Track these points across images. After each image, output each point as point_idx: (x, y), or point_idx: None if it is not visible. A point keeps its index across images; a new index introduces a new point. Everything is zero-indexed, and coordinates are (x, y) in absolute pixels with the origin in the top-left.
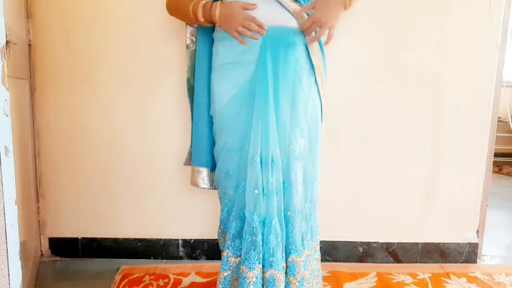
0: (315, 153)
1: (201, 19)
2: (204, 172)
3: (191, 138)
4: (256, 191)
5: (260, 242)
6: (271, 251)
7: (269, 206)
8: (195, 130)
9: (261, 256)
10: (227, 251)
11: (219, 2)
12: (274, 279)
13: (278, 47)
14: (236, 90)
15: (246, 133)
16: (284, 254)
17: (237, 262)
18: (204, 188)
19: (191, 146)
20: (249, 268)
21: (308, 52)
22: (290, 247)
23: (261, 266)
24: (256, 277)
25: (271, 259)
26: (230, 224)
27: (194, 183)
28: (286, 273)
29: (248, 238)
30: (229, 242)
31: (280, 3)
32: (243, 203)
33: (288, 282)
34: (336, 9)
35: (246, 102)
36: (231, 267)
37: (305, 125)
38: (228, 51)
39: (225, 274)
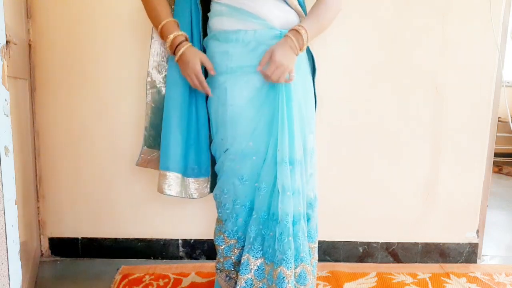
0: (314, 152)
1: (167, 44)
2: (171, 176)
3: (144, 137)
4: (288, 193)
5: (293, 241)
6: (301, 247)
7: (298, 205)
8: (166, 132)
9: (293, 254)
10: (247, 255)
11: (187, 45)
12: (305, 273)
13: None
14: (252, 94)
15: (265, 136)
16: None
17: (259, 264)
18: (171, 195)
19: (147, 146)
20: (287, 267)
21: (306, 54)
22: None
23: (294, 264)
24: (292, 275)
25: (301, 254)
26: (249, 228)
27: (160, 189)
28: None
29: (285, 239)
30: (249, 246)
31: (291, 7)
32: (265, 206)
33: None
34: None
35: (264, 105)
36: (252, 270)
37: (312, 121)
38: (242, 53)
39: (246, 278)
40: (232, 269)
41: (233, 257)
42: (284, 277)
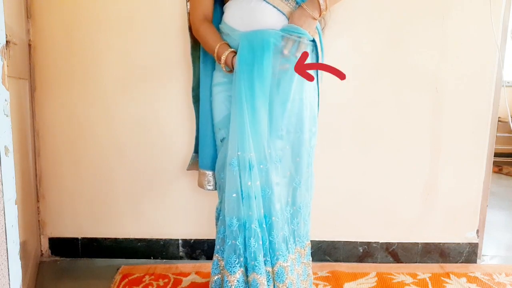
0: (300, 156)
1: (222, 65)
2: (209, 174)
3: (195, 144)
4: (234, 195)
5: (241, 246)
6: (252, 255)
7: (248, 209)
8: (201, 135)
9: (241, 259)
10: (216, 255)
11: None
12: (257, 283)
13: (252, 50)
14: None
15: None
16: (269, 259)
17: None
18: (210, 190)
19: (194, 152)
20: (230, 271)
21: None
22: (277, 252)
23: (243, 269)
24: (237, 281)
25: (252, 262)
26: (219, 228)
27: (200, 185)
28: (274, 279)
29: (229, 242)
30: (218, 246)
31: (270, 4)
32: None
33: None
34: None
35: (227, 100)
36: (221, 271)
37: (283, 127)
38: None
39: (215, 278)
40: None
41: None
42: (227, 281)
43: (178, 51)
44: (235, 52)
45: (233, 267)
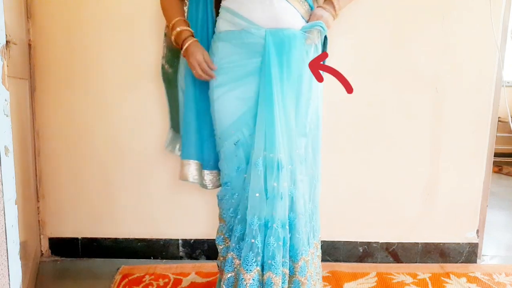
0: (317, 153)
1: (172, 39)
2: (194, 164)
3: (181, 129)
4: (257, 195)
5: (260, 245)
6: (270, 253)
7: (272, 210)
8: (185, 123)
9: (259, 258)
10: (231, 253)
11: (192, 40)
12: (272, 283)
13: (281, 49)
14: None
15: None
16: (287, 261)
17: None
18: (194, 182)
19: (171, 127)
20: (247, 270)
21: (309, 51)
22: (302, 248)
23: (259, 268)
24: (253, 279)
25: (269, 261)
26: (235, 227)
27: (183, 177)
28: (296, 274)
29: (248, 240)
30: (233, 245)
31: (290, 4)
32: (247, 206)
33: (298, 282)
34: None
35: (249, 100)
36: (235, 269)
37: (307, 124)
38: (231, 51)
39: (229, 275)
40: None
41: None
42: (243, 279)
43: None
44: (191, 33)
45: (250, 265)
